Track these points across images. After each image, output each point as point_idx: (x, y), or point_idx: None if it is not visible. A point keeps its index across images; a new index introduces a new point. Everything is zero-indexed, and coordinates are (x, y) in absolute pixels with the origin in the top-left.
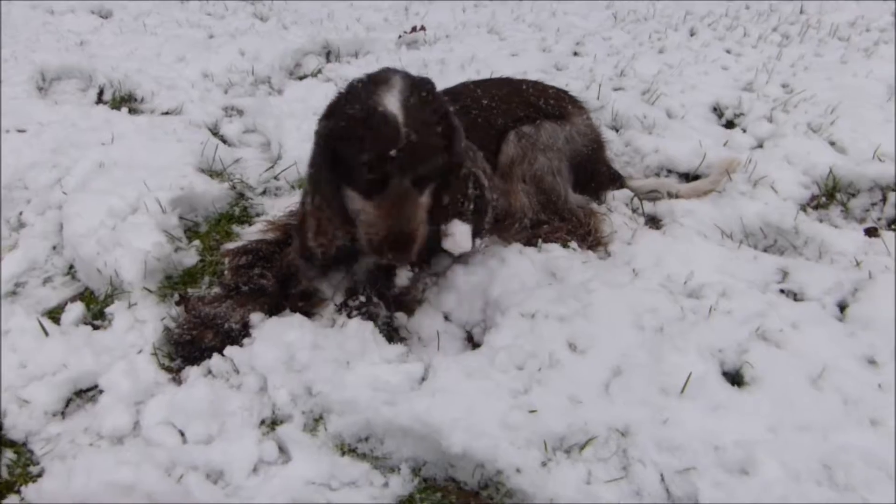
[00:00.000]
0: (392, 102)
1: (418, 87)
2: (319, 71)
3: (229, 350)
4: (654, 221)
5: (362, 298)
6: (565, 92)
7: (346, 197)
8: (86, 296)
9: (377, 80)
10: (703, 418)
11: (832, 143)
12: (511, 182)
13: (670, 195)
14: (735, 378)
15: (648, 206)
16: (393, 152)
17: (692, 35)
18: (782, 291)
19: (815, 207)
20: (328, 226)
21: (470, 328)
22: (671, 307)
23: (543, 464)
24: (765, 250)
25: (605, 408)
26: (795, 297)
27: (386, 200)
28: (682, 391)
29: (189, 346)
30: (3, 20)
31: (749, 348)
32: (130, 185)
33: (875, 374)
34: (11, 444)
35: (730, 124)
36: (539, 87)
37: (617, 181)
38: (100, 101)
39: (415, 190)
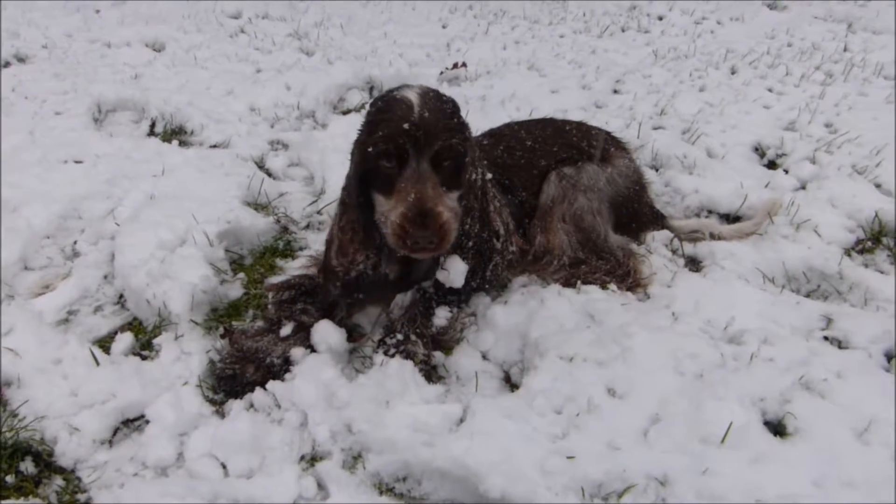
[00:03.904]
0: (410, 93)
1: (438, 93)
2: (363, 106)
3: (271, 384)
4: (694, 263)
5: (400, 336)
6: (608, 133)
7: (375, 202)
8: (134, 326)
9: (401, 86)
10: (745, 469)
11: (878, 186)
12: (551, 220)
13: (713, 236)
14: (777, 428)
15: (688, 248)
16: (406, 125)
17: (733, 73)
18: (826, 339)
19: (861, 252)
20: (349, 247)
21: (508, 368)
22: (711, 353)
23: None
24: (808, 295)
25: (644, 455)
26: (840, 345)
27: (404, 183)
28: (723, 440)
29: (231, 380)
30: (65, 54)
31: (792, 398)
32: (179, 218)
33: None
34: (61, 470)
35: (772, 165)
36: (583, 129)
37: (658, 222)
38: (152, 133)
39: (434, 175)
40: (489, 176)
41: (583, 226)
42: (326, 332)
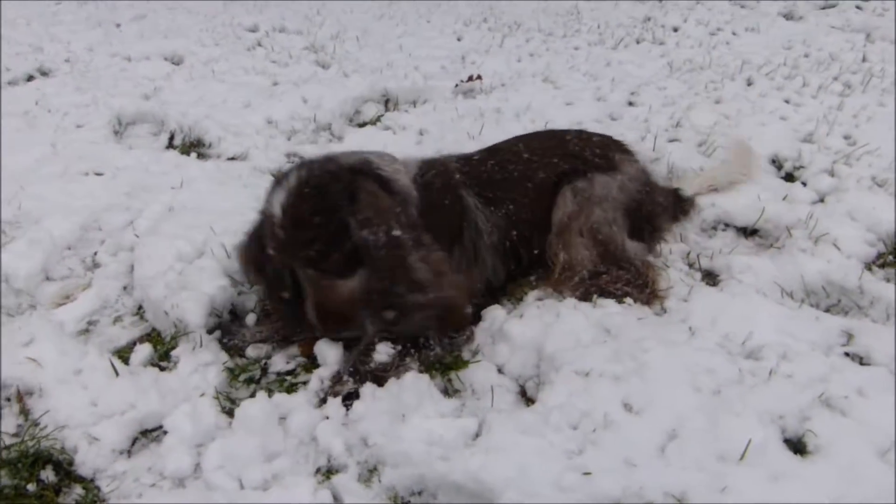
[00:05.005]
0: (276, 203)
1: (309, 182)
2: (378, 119)
3: (283, 397)
4: (710, 277)
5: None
6: (611, 138)
7: None
8: (153, 336)
9: (278, 179)
10: (764, 488)
11: None
12: (569, 236)
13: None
14: (797, 446)
15: (705, 262)
16: (271, 251)
17: (749, 85)
18: (847, 355)
19: (882, 266)
20: None
21: (523, 382)
22: (729, 369)
23: None
24: (827, 310)
25: (661, 472)
26: (861, 361)
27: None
28: (742, 458)
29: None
30: (86, 67)
31: (812, 415)
32: (198, 230)
33: None
34: (80, 479)
35: (789, 177)
36: (583, 137)
37: (676, 205)
38: (170, 145)
39: (321, 275)
40: (397, 232)
41: (600, 238)
42: (324, 351)
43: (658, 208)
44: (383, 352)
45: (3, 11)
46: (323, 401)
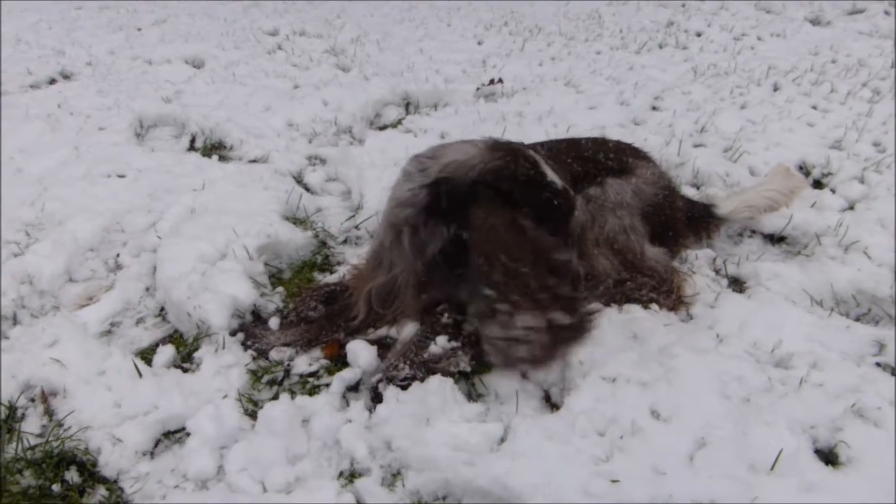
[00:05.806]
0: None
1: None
2: (399, 122)
3: (306, 399)
4: (737, 284)
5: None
6: (627, 144)
7: None
8: (175, 338)
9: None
10: (795, 498)
11: None
12: (586, 246)
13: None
14: (829, 457)
15: (732, 268)
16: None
17: (776, 90)
18: (878, 365)
19: None
20: None
21: (548, 387)
22: (758, 377)
23: None
24: (858, 319)
25: (690, 480)
26: (893, 371)
27: None
28: (772, 468)
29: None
30: (108, 70)
31: (844, 426)
32: (220, 232)
33: None
34: (104, 480)
35: (818, 184)
36: (598, 142)
37: (705, 221)
38: (192, 148)
39: None
40: None
41: (617, 247)
42: (356, 351)
43: (678, 213)
44: (440, 344)
45: (24, 16)
46: (376, 388)
